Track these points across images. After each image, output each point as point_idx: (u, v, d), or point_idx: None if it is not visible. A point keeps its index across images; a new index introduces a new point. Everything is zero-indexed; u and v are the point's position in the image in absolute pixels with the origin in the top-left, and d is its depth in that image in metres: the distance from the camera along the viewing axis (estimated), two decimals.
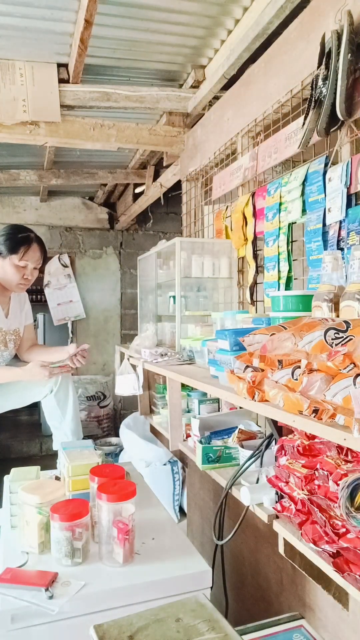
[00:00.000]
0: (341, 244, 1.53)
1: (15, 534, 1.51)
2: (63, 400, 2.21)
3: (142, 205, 4.48)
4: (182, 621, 0.94)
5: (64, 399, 2.21)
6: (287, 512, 1.19)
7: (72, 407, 2.23)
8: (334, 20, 1.53)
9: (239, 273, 2.46)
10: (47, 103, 2.65)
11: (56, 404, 2.20)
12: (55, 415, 2.23)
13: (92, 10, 2.02)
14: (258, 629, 1.17)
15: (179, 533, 1.54)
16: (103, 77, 2.76)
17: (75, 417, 2.26)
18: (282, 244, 1.89)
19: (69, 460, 1.60)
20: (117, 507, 1.33)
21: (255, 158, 2.13)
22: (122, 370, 2.51)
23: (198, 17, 2.20)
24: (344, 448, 1.10)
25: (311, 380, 0.96)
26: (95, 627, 0.93)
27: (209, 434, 1.82)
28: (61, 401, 2.20)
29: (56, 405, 2.20)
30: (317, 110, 1.52)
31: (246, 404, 1.15)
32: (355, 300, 1.05)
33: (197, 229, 3.04)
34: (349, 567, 0.98)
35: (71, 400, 2.23)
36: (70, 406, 2.22)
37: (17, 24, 2.24)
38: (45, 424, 5.17)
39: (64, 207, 5.29)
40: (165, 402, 2.54)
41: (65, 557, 1.33)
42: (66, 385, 2.21)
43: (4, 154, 3.81)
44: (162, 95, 2.78)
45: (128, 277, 5.51)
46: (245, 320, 1.55)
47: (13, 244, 2.04)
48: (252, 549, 1.74)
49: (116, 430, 4.52)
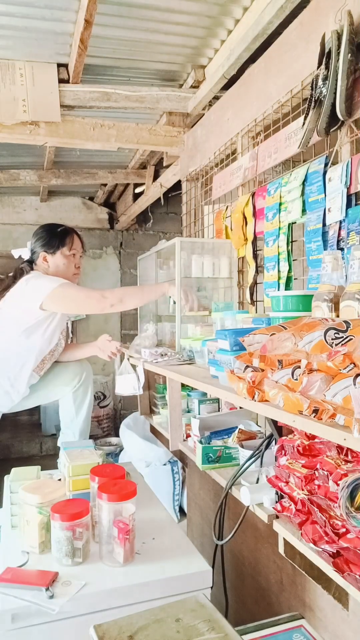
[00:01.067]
0: (341, 244, 1.53)
1: (15, 534, 1.51)
2: (80, 400, 2.24)
3: (142, 205, 4.48)
4: (182, 621, 0.94)
5: (82, 398, 2.24)
6: (287, 512, 1.19)
7: (86, 408, 2.26)
8: (334, 20, 1.53)
9: (239, 273, 2.46)
10: (47, 103, 2.65)
11: (72, 402, 2.22)
12: (69, 413, 2.25)
13: (92, 10, 2.02)
14: (258, 629, 1.17)
15: (179, 533, 1.55)
16: (103, 77, 2.75)
17: (87, 419, 2.28)
18: (282, 244, 1.89)
19: (69, 460, 1.60)
20: (118, 507, 1.33)
21: (255, 158, 2.13)
22: (122, 370, 2.50)
23: (198, 17, 2.20)
24: (344, 448, 1.10)
25: (311, 380, 0.96)
26: (95, 627, 0.93)
27: (209, 434, 1.82)
28: (78, 400, 2.23)
29: (72, 403, 2.22)
30: (317, 110, 1.52)
31: (246, 404, 1.15)
32: (355, 300, 1.05)
33: (197, 229, 3.04)
34: (349, 567, 0.98)
35: (88, 401, 2.26)
36: (85, 407, 2.25)
37: (17, 24, 2.24)
38: (45, 424, 5.18)
39: (64, 207, 5.29)
40: (165, 402, 2.54)
41: (66, 556, 1.33)
42: (86, 386, 2.24)
43: (4, 154, 3.81)
44: (162, 95, 2.78)
45: (128, 277, 5.51)
46: (245, 320, 1.55)
47: (59, 237, 2.17)
48: (252, 549, 1.74)
49: (116, 430, 4.52)
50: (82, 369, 2.27)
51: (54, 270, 2.17)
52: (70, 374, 2.24)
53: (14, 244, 5.11)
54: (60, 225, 2.25)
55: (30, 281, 2.07)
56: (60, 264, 2.17)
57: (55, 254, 2.16)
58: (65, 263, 2.18)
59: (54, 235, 2.18)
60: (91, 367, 2.38)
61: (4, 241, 5.07)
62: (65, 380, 2.23)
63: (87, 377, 2.24)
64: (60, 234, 2.18)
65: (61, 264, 2.17)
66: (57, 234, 2.18)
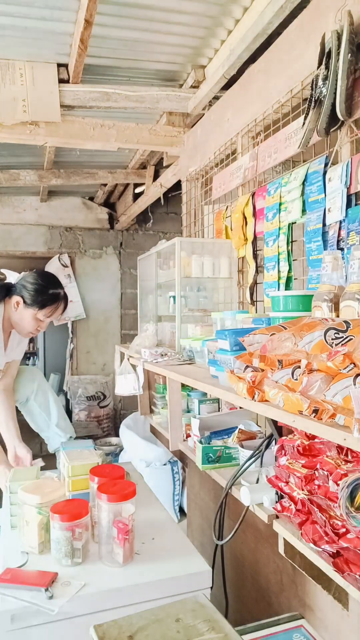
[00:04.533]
0: (341, 244, 1.53)
1: (15, 534, 1.51)
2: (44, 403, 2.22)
3: (142, 205, 4.48)
4: (182, 621, 0.94)
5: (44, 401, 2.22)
6: (287, 512, 1.19)
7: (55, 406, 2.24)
8: (334, 20, 1.53)
9: (239, 273, 2.46)
10: (47, 103, 2.64)
11: (39, 408, 2.21)
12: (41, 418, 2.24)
13: (92, 10, 2.02)
14: (258, 629, 1.17)
15: (179, 533, 1.54)
16: (103, 77, 2.75)
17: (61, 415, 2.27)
18: (282, 244, 1.89)
19: (68, 460, 1.60)
20: (117, 507, 1.33)
21: (255, 158, 2.13)
22: (122, 370, 2.51)
23: (198, 17, 2.20)
24: (344, 448, 1.10)
25: (311, 380, 0.96)
26: (95, 627, 0.93)
27: (209, 434, 1.82)
28: (43, 404, 2.22)
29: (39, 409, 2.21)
30: (317, 110, 1.52)
31: (246, 404, 1.15)
32: (355, 300, 1.05)
33: (197, 229, 3.04)
34: (349, 567, 0.98)
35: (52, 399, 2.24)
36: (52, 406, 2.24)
37: (17, 24, 2.24)
38: None
39: (64, 207, 5.28)
40: (165, 402, 2.54)
41: (65, 557, 1.33)
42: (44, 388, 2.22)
43: (4, 154, 3.80)
44: (162, 95, 2.78)
45: (128, 277, 5.51)
46: (245, 320, 1.55)
47: (43, 299, 1.98)
48: (252, 549, 1.74)
49: (116, 430, 4.52)
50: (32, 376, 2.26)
51: (17, 318, 2.01)
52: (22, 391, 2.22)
53: (14, 244, 5.11)
54: (57, 288, 2.05)
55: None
56: (25, 318, 2.00)
57: (28, 308, 1.98)
58: (30, 322, 2.00)
59: (42, 292, 1.99)
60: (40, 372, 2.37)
61: (4, 241, 5.07)
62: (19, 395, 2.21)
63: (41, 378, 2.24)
64: (48, 296, 2.00)
65: (25, 319, 2.00)
66: (45, 294, 1.99)
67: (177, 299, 2.38)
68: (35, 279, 2.01)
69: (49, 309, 2.00)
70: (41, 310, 1.98)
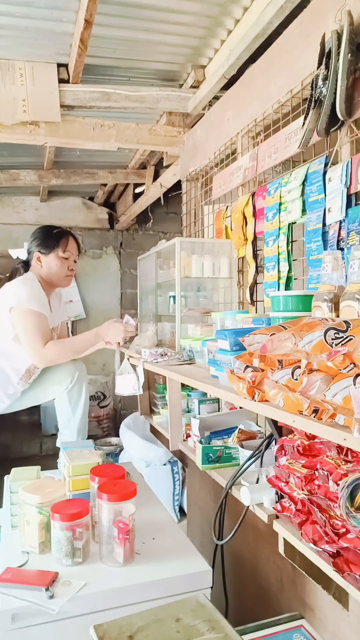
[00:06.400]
0: (341, 244, 1.53)
1: (15, 534, 1.51)
2: (75, 399, 2.23)
3: (142, 205, 4.48)
4: (182, 621, 0.94)
5: (77, 397, 2.23)
6: (287, 512, 1.19)
7: (82, 407, 2.25)
8: (334, 20, 1.53)
9: (239, 273, 2.47)
10: (47, 103, 2.65)
11: (68, 402, 2.21)
12: (66, 412, 2.24)
13: (92, 10, 2.02)
14: (258, 629, 1.17)
15: (179, 533, 1.54)
16: (103, 77, 2.75)
17: (84, 417, 2.27)
18: (282, 244, 1.89)
19: (69, 460, 1.60)
20: (118, 507, 1.33)
21: (255, 158, 2.13)
22: (122, 370, 2.50)
23: (198, 17, 2.20)
24: (344, 448, 1.10)
25: (311, 380, 0.96)
26: (95, 627, 0.93)
27: (209, 434, 1.82)
28: (73, 399, 2.22)
29: (68, 402, 2.22)
30: (317, 110, 1.52)
31: (246, 404, 1.15)
32: (355, 300, 1.05)
33: (197, 229, 3.04)
34: (349, 567, 0.98)
35: (83, 399, 2.25)
36: (81, 405, 2.24)
37: (18, 24, 2.24)
38: (45, 424, 5.17)
39: (64, 207, 5.28)
40: (165, 402, 2.54)
41: (66, 556, 1.33)
42: (80, 384, 2.23)
43: (4, 154, 3.80)
44: (162, 95, 2.78)
45: (128, 277, 5.51)
46: (245, 320, 1.55)
47: (54, 239, 2.17)
48: (252, 549, 1.74)
49: (116, 430, 4.52)
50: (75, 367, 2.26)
51: (47, 271, 2.17)
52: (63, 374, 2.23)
53: (14, 244, 5.10)
54: (57, 227, 2.25)
55: (14, 285, 2.07)
56: (53, 265, 2.17)
57: (49, 255, 2.16)
58: (58, 265, 2.17)
59: (49, 236, 2.17)
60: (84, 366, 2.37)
61: (4, 241, 5.07)
62: (58, 379, 2.22)
63: (81, 375, 2.23)
64: (55, 235, 2.18)
65: (54, 265, 2.17)
66: (52, 235, 2.18)
67: (177, 299, 2.38)
68: (36, 233, 2.22)
69: (64, 244, 2.18)
70: (59, 248, 2.16)
